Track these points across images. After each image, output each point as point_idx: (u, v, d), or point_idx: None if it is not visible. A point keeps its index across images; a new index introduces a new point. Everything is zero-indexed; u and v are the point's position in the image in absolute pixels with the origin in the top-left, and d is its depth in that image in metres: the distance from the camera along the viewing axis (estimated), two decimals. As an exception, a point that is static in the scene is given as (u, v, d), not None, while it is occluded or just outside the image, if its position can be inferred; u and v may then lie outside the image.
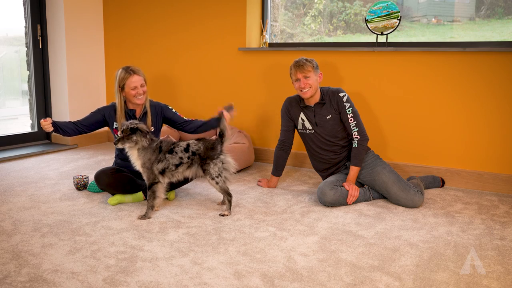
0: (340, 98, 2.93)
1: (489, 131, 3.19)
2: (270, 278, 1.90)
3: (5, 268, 1.95)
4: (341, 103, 2.93)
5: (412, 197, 2.80)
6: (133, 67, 2.83)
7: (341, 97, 2.94)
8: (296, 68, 2.91)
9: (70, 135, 2.82)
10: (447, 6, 3.60)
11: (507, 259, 2.12)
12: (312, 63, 2.92)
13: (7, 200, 2.87)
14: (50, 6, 4.43)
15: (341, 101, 2.93)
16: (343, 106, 2.92)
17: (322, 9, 4.02)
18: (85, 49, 4.62)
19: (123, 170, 2.88)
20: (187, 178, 2.79)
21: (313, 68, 2.91)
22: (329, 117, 2.96)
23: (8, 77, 4.75)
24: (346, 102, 2.93)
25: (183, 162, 2.62)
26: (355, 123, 2.92)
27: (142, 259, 2.06)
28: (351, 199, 2.81)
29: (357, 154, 2.89)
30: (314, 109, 2.99)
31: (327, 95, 2.98)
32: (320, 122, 2.98)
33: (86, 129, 2.86)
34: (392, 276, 1.93)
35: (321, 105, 2.97)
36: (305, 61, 2.91)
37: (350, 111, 2.92)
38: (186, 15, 4.24)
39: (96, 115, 2.90)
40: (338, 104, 2.93)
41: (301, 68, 2.89)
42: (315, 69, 2.92)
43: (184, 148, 2.63)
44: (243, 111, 4.04)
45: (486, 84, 3.15)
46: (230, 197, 2.66)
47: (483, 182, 3.23)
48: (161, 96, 4.47)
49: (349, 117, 2.92)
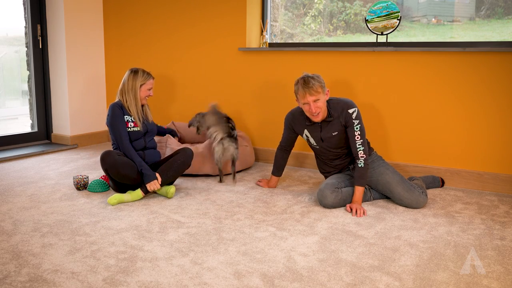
0: (349, 115, 2.79)
1: (489, 131, 3.19)
2: (270, 278, 1.90)
3: (5, 268, 1.95)
4: (349, 119, 2.79)
5: (417, 198, 2.80)
6: (144, 70, 3.10)
7: (350, 114, 2.79)
8: (305, 89, 2.69)
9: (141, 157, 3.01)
10: (447, 6, 3.60)
11: (507, 259, 2.12)
12: (320, 81, 2.73)
13: (7, 200, 2.87)
14: (50, 6, 4.43)
15: (350, 117, 2.79)
16: (352, 123, 2.79)
17: (322, 9, 4.02)
18: (85, 49, 4.62)
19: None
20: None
21: (322, 87, 2.72)
22: (335, 133, 2.85)
23: (8, 77, 4.75)
24: (355, 119, 2.78)
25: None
26: (361, 141, 2.78)
27: (142, 259, 2.06)
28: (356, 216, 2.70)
29: (363, 174, 2.77)
30: (321, 125, 2.88)
31: (335, 110, 2.82)
32: (326, 138, 2.88)
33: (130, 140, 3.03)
34: (392, 276, 1.93)
35: (328, 122, 2.85)
36: (313, 82, 2.69)
37: (358, 129, 2.79)
38: (186, 15, 4.24)
39: (121, 122, 2.96)
40: (346, 120, 2.80)
41: (310, 90, 2.68)
42: (323, 88, 2.74)
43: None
44: (243, 111, 4.04)
45: (486, 84, 3.15)
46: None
47: (483, 182, 3.23)
48: (161, 96, 4.48)
49: (356, 134, 2.79)
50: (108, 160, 2.82)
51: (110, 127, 2.98)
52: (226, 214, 2.66)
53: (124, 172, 2.83)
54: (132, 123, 3.00)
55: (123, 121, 2.97)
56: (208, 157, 3.43)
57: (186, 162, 3.04)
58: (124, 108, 3.01)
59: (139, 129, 3.01)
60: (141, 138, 3.05)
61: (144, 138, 3.07)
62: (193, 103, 4.32)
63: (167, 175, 2.94)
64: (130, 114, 3.01)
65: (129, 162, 2.88)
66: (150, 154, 3.09)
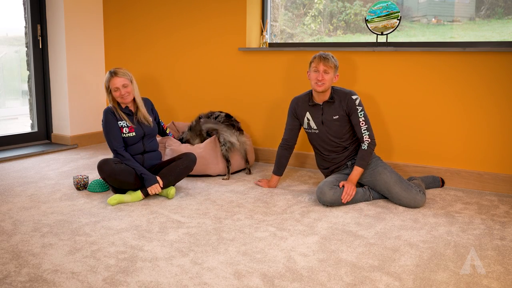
0: (353, 101, 2.91)
1: (489, 131, 3.19)
2: (270, 278, 1.90)
3: (5, 268, 1.95)
4: (353, 106, 2.90)
5: (415, 197, 2.80)
6: (117, 69, 2.97)
7: (354, 100, 2.91)
8: (320, 59, 2.89)
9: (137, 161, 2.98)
10: (447, 6, 3.60)
11: (507, 259, 2.12)
12: (336, 62, 2.93)
13: (7, 200, 2.87)
14: (50, 6, 4.43)
15: (353, 103, 2.90)
16: (355, 110, 2.90)
17: (322, 9, 4.02)
18: (85, 49, 4.62)
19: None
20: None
21: (335, 66, 2.91)
22: (336, 117, 2.94)
23: (8, 77, 4.75)
24: (358, 106, 2.90)
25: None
26: (366, 127, 2.90)
27: (142, 259, 2.06)
28: (346, 197, 2.78)
29: (364, 156, 2.87)
30: (323, 107, 2.97)
31: (338, 95, 2.95)
32: (326, 122, 2.96)
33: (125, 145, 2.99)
34: (392, 276, 1.93)
35: (330, 104, 2.95)
36: (331, 57, 2.91)
37: (362, 115, 2.90)
38: (186, 15, 4.24)
39: (114, 129, 2.92)
40: (350, 106, 2.91)
41: (325, 61, 2.87)
42: (335, 69, 2.92)
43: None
44: (243, 111, 4.04)
45: (486, 84, 3.15)
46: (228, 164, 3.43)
47: (483, 182, 3.23)
48: (160, 95, 4.48)
49: (361, 120, 2.90)
50: (105, 169, 2.80)
51: (104, 134, 2.96)
52: (226, 214, 2.66)
53: (123, 179, 2.82)
54: (127, 128, 2.95)
55: (116, 127, 2.92)
56: (208, 157, 3.43)
57: (189, 167, 3.03)
58: (117, 113, 2.95)
59: (135, 134, 2.96)
60: (139, 142, 3.01)
61: (142, 141, 3.02)
62: (193, 103, 4.32)
63: (168, 179, 2.93)
64: (123, 119, 2.95)
65: (127, 169, 2.85)
66: (150, 157, 3.05)
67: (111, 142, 2.92)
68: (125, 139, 2.95)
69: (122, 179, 2.81)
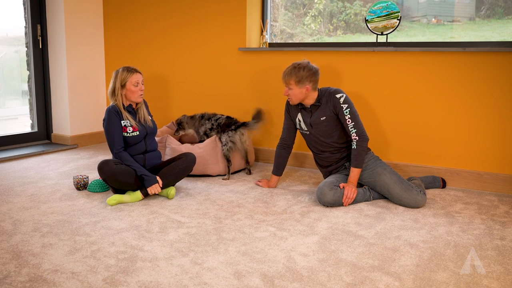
0: (337, 100, 2.88)
1: (489, 131, 3.19)
2: (270, 278, 1.90)
3: (5, 268, 1.95)
4: (337, 104, 2.88)
5: (415, 197, 2.80)
6: (131, 67, 3.02)
7: (338, 99, 2.88)
8: (283, 76, 2.91)
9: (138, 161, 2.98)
10: (447, 6, 3.60)
11: (507, 259, 2.12)
12: (298, 76, 2.84)
13: (7, 200, 2.87)
14: (50, 6, 4.43)
15: (337, 102, 2.88)
16: (340, 108, 2.87)
17: (322, 9, 4.02)
18: (85, 49, 4.62)
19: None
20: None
21: (296, 83, 2.85)
22: (323, 118, 2.93)
23: (8, 77, 4.75)
24: (343, 104, 2.87)
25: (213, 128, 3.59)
26: (353, 124, 2.86)
27: (142, 259, 2.06)
28: (347, 201, 2.79)
29: (357, 156, 2.85)
30: (311, 110, 2.97)
31: (324, 96, 2.94)
32: (315, 124, 2.96)
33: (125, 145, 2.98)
34: (392, 276, 1.93)
35: (317, 106, 2.95)
36: (290, 73, 2.86)
37: (347, 112, 2.86)
38: (186, 14, 4.24)
39: (116, 128, 2.91)
40: (335, 106, 2.89)
41: (285, 78, 2.89)
42: (299, 83, 2.85)
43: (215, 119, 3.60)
44: (243, 112, 4.04)
45: (486, 84, 3.15)
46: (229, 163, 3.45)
47: (483, 182, 3.23)
48: (160, 95, 4.48)
49: (347, 118, 2.86)
50: (105, 170, 2.79)
51: (105, 133, 2.95)
52: (226, 214, 2.66)
53: (123, 180, 2.82)
54: (130, 127, 2.94)
55: (118, 127, 2.92)
56: (208, 157, 3.43)
57: (188, 167, 3.03)
58: (121, 113, 2.95)
59: (138, 133, 2.97)
60: (141, 141, 3.01)
61: (144, 140, 3.03)
62: (193, 103, 4.32)
63: (168, 179, 2.93)
64: (127, 118, 2.95)
65: (127, 170, 2.85)
66: (151, 157, 3.06)
67: (112, 142, 2.91)
68: (128, 138, 2.95)
69: (122, 180, 2.81)
